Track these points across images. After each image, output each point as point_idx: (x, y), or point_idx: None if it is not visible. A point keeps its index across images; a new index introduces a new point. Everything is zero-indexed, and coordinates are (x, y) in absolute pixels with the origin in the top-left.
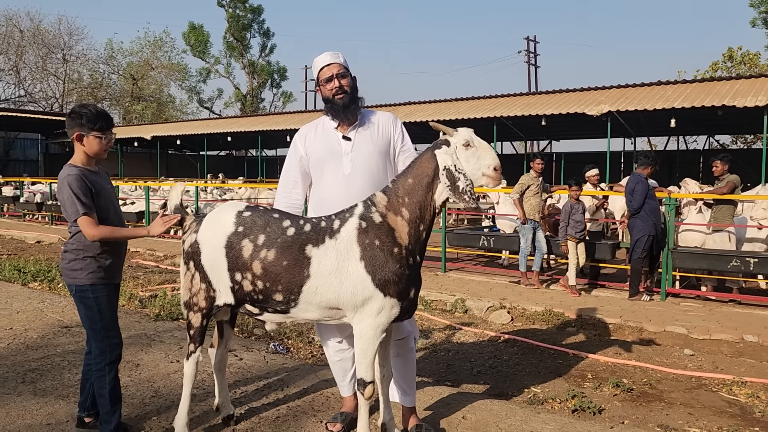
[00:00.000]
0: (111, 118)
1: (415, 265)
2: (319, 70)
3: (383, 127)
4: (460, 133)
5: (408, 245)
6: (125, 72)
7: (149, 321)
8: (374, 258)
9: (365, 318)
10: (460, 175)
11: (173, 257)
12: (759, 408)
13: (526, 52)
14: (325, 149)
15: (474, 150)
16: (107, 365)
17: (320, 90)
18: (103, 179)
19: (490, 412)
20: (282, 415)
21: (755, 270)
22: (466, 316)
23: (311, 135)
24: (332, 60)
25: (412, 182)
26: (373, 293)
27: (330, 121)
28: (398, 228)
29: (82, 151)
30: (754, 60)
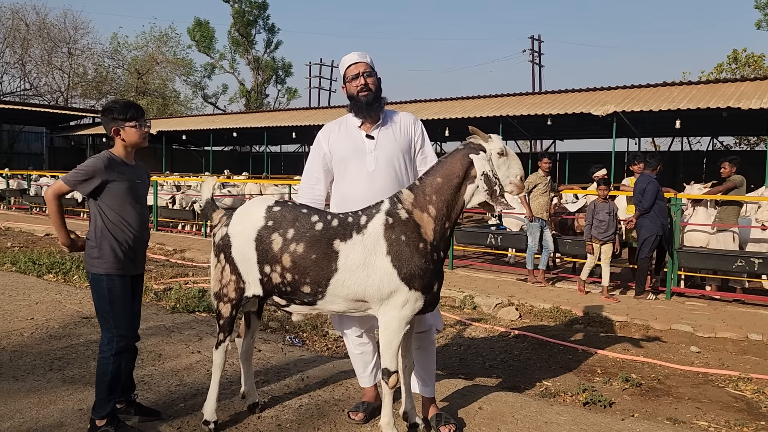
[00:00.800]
0: (140, 106)
1: (439, 261)
2: (347, 67)
3: (405, 126)
4: (495, 141)
5: (433, 241)
6: (130, 66)
7: (166, 313)
8: (400, 253)
9: (390, 310)
10: (497, 181)
11: (183, 251)
12: (765, 403)
13: (530, 51)
14: (348, 147)
15: (506, 159)
16: (112, 355)
17: (345, 87)
18: (138, 173)
19: (505, 404)
20: (304, 403)
21: (759, 270)
22: (475, 312)
23: (335, 133)
24: (359, 59)
25: (441, 182)
26: (399, 286)
27: (353, 119)
28: (424, 224)
29: (121, 145)
30: (759, 62)
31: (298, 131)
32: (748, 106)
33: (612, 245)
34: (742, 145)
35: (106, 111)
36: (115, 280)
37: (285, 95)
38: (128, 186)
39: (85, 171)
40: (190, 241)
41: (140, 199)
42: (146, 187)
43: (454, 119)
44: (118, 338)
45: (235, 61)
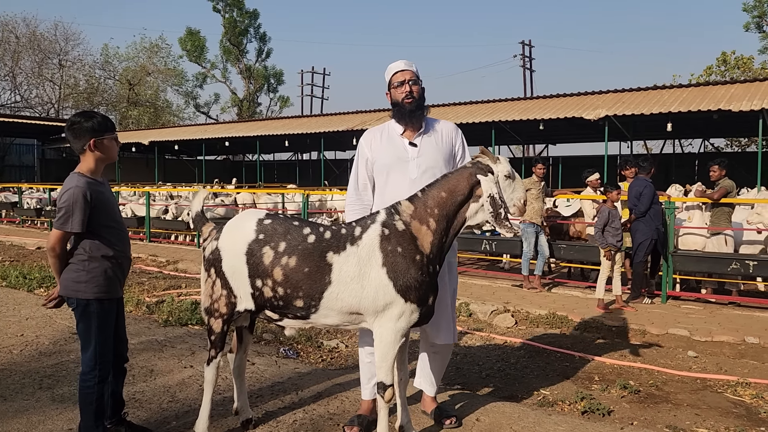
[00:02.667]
0: (109, 119)
1: (435, 274)
2: (393, 74)
3: (447, 135)
4: (503, 163)
5: (429, 254)
6: (121, 77)
7: (158, 327)
8: (396, 264)
9: (386, 323)
10: (502, 203)
11: (176, 263)
12: (764, 408)
13: (521, 56)
14: (391, 154)
15: (512, 182)
16: (96, 384)
17: (390, 94)
18: (107, 189)
19: (503, 414)
20: (299, 418)
21: (754, 272)
22: (471, 319)
23: (377, 140)
24: (406, 67)
25: (446, 196)
26: (395, 299)
27: (395, 126)
28: (421, 237)
29: (93, 160)
30: (748, 64)
31: (291, 139)
32: (739, 107)
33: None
34: (733, 147)
35: (81, 123)
36: (104, 305)
37: (277, 103)
38: (107, 206)
39: (81, 207)
40: (183, 252)
41: (119, 216)
42: (116, 201)
43: None
44: (101, 365)
45: (226, 70)
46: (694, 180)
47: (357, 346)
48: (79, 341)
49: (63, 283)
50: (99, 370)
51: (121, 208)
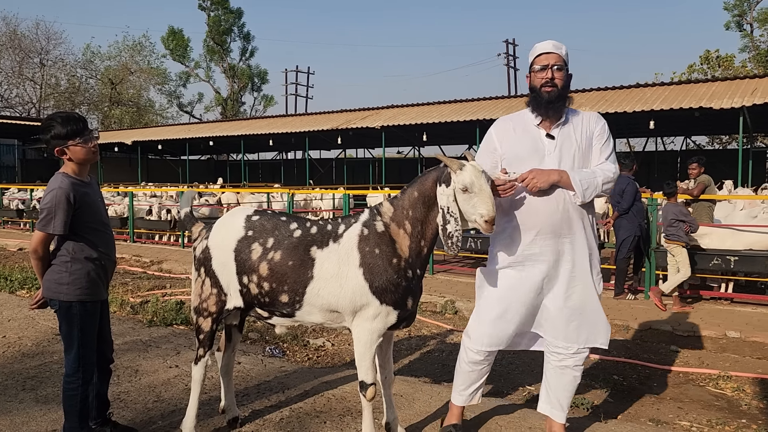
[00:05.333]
0: (82, 118)
1: (415, 278)
2: (536, 56)
3: (586, 126)
4: (463, 174)
5: (408, 258)
6: (103, 76)
7: (143, 327)
8: (373, 266)
9: (362, 322)
10: (451, 219)
11: (160, 263)
12: (745, 401)
13: (505, 54)
14: (525, 146)
15: (470, 196)
16: (80, 386)
17: (530, 77)
18: (92, 189)
19: (488, 410)
20: (285, 417)
21: (736, 268)
22: (457, 317)
23: (509, 130)
24: (553, 49)
25: (417, 197)
26: (370, 300)
27: (530, 115)
28: (400, 240)
29: (70, 164)
30: (729, 62)
31: (276, 139)
32: (720, 105)
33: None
34: (714, 144)
35: (43, 129)
36: (87, 307)
37: (261, 103)
38: (92, 207)
39: (63, 209)
40: (167, 252)
41: (105, 217)
42: (104, 201)
43: (431, 124)
44: (84, 367)
45: (210, 69)
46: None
47: (342, 345)
48: (62, 343)
49: (45, 284)
50: (82, 371)
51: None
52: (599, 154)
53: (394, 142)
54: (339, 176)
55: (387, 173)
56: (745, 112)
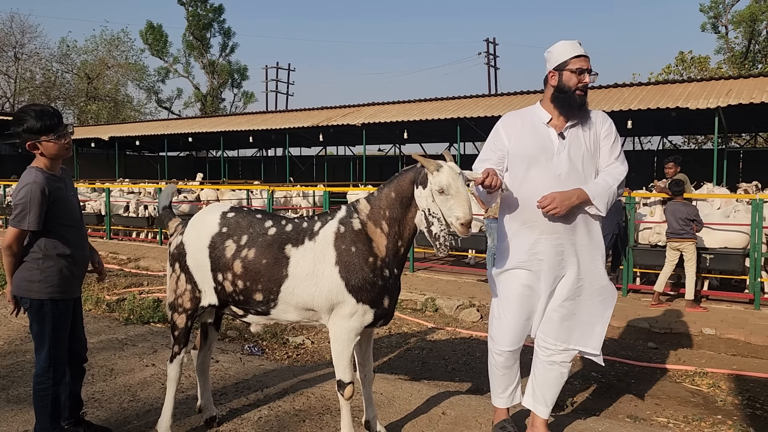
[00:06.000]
0: (56, 112)
1: (392, 277)
2: (573, 57)
3: (594, 127)
4: (440, 176)
5: (385, 258)
6: (80, 71)
7: (119, 325)
8: (349, 264)
9: (338, 321)
10: (434, 220)
11: (137, 260)
12: (720, 397)
13: (485, 53)
14: (535, 144)
15: (446, 198)
16: (51, 386)
17: (557, 75)
18: (66, 183)
19: (468, 408)
20: (264, 415)
21: (711, 266)
22: (437, 314)
23: (518, 127)
24: (585, 53)
25: (394, 197)
26: (346, 298)
27: (540, 112)
28: (376, 239)
29: (42, 157)
30: (705, 63)
31: (256, 135)
32: (696, 106)
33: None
34: (690, 144)
35: (16, 122)
36: (59, 305)
37: (241, 99)
38: (66, 203)
39: (37, 204)
40: (144, 250)
41: (78, 213)
42: (77, 196)
43: (412, 121)
44: (55, 367)
45: (189, 65)
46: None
47: (322, 343)
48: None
49: (16, 282)
50: (53, 371)
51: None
52: (608, 155)
53: (375, 140)
54: (319, 173)
55: (368, 171)
56: (720, 113)
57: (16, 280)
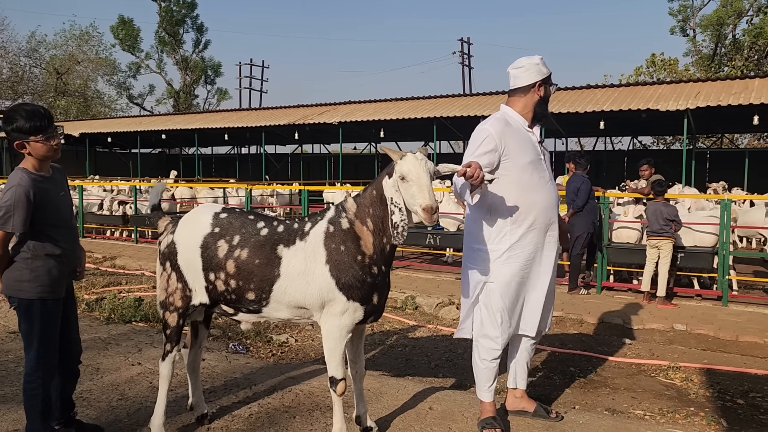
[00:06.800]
0: (48, 113)
1: (380, 274)
2: (550, 74)
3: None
4: (402, 164)
5: (373, 255)
6: (48, 66)
7: (101, 324)
8: (339, 263)
9: (330, 319)
10: (396, 209)
11: (113, 259)
12: (693, 390)
13: (460, 53)
14: (528, 148)
15: (408, 185)
16: (41, 385)
17: (542, 89)
18: (56, 184)
19: (454, 402)
20: (254, 412)
21: (682, 264)
22: (417, 312)
23: (509, 129)
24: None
25: (375, 194)
26: (337, 296)
27: (519, 117)
28: (364, 237)
29: (31, 156)
30: (674, 65)
31: (231, 133)
32: (665, 107)
33: None
34: (659, 145)
35: (6, 120)
36: (48, 305)
37: (215, 96)
38: (54, 203)
39: (23, 207)
40: (120, 248)
41: (69, 213)
42: (69, 196)
43: (389, 120)
44: (44, 366)
45: (162, 61)
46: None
47: (306, 341)
48: (22, 341)
49: (5, 281)
50: (42, 371)
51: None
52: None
53: (351, 138)
54: (295, 171)
55: (344, 169)
56: (688, 115)
57: (5, 279)
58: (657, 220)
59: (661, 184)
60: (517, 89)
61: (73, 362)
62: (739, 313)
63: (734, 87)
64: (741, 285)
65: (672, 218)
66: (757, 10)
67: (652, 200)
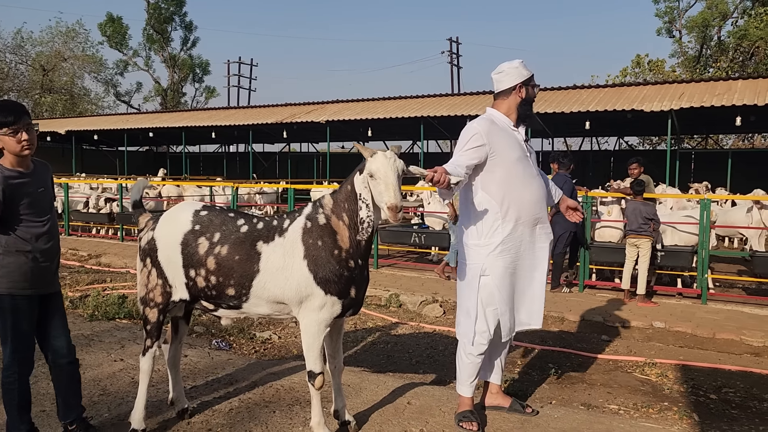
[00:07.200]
0: (17, 107)
1: (357, 268)
2: (532, 75)
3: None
4: (372, 162)
5: (349, 249)
6: (34, 62)
7: (84, 321)
8: (317, 258)
9: (309, 313)
10: (363, 205)
11: (98, 257)
12: (668, 386)
13: (449, 52)
14: (515, 147)
15: (376, 183)
16: (17, 380)
17: (525, 89)
18: (35, 179)
19: (432, 398)
20: (234, 407)
21: (662, 263)
22: (401, 310)
23: (495, 129)
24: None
25: (350, 189)
26: (315, 290)
27: (504, 118)
28: (340, 232)
29: (7, 152)
30: (660, 67)
31: (219, 131)
32: (650, 108)
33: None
34: (644, 145)
35: None
36: (19, 300)
37: (203, 94)
38: (29, 199)
39: None
40: (105, 246)
41: (46, 209)
42: (50, 193)
43: (376, 119)
44: (20, 361)
45: (149, 58)
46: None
47: (289, 338)
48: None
49: None
50: (18, 366)
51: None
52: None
53: (339, 137)
54: (283, 170)
55: (331, 168)
56: (673, 115)
57: None
58: (636, 219)
59: (640, 184)
60: (500, 92)
61: (61, 358)
62: (717, 311)
63: (718, 88)
64: (723, 283)
65: (650, 217)
66: (741, 12)
67: (632, 200)
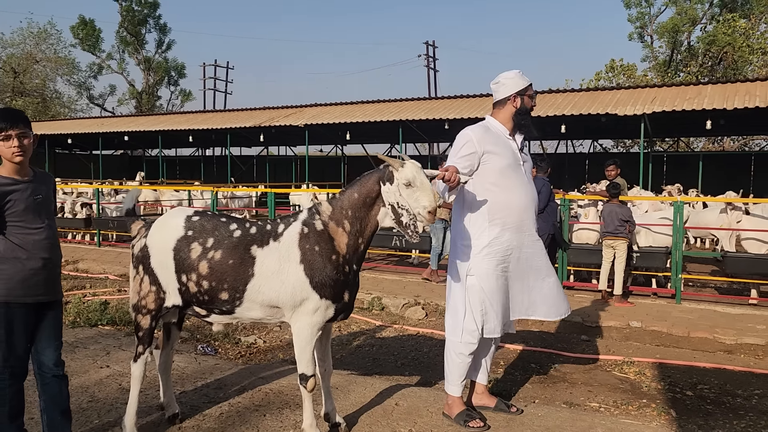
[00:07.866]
0: (11, 113)
1: (351, 273)
2: (529, 84)
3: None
4: (405, 171)
5: (345, 255)
6: (5, 65)
7: (66, 328)
8: (313, 262)
9: (302, 317)
10: (403, 211)
11: (75, 263)
12: (645, 383)
13: (425, 56)
14: (508, 154)
15: (413, 190)
16: (8, 386)
17: (520, 99)
18: (31, 187)
19: (419, 399)
20: (225, 411)
21: (638, 263)
22: (383, 313)
23: (489, 136)
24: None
25: (357, 198)
26: (310, 294)
27: (500, 126)
28: (338, 238)
29: (4, 159)
30: (632, 71)
31: (196, 135)
32: (624, 112)
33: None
34: (618, 148)
35: None
36: (13, 309)
37: (178, 97)
38: (23, 207)
39: None
40: (83, 252)
41: (43, 218)
42: (49, 201)
43: (355, 123)
44: (12, 366)
45: (124, 61)
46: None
47: (274, 342)
48: None
49: None
50: (9, 371)
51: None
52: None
53: (317, 141)
54: (260, 174)
55: (310, 171)
56: (645, 119)
57: None
58: (612, 221)
59: (615, 186)
60: (497, 102)
61: (43, 376)
62: (691, 310)
63: (688, 93)
64: (696, 283)
65: (626, 219)
66: (710, 18)
67: (607, 202)
